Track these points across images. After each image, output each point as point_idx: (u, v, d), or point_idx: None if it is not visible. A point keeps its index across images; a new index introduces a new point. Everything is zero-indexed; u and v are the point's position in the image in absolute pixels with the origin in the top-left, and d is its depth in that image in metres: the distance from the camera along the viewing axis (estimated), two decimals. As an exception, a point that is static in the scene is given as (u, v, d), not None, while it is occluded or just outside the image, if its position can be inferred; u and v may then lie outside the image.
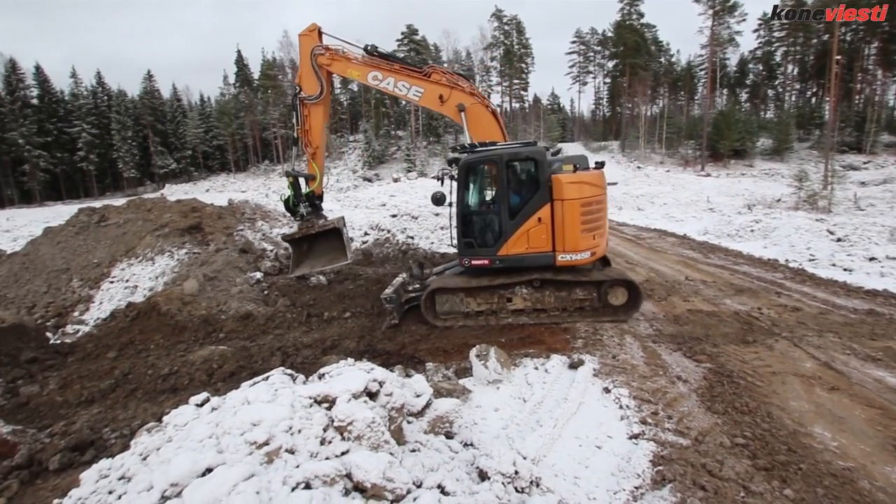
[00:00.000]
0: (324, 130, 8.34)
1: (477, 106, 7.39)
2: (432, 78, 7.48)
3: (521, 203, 6.79)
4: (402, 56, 64.97)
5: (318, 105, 8.05)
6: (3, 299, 9.51)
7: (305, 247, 8.56)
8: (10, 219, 28.78)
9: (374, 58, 7.77)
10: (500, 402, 4.65)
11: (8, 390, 5.90)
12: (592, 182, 6.74)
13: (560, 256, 6.64)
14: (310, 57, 7.81)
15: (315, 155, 8.29)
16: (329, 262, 8.39)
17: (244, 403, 2.57)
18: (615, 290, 6.79)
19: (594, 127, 75.58)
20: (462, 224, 7.06)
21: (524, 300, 6.97)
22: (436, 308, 7.15)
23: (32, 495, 4.07)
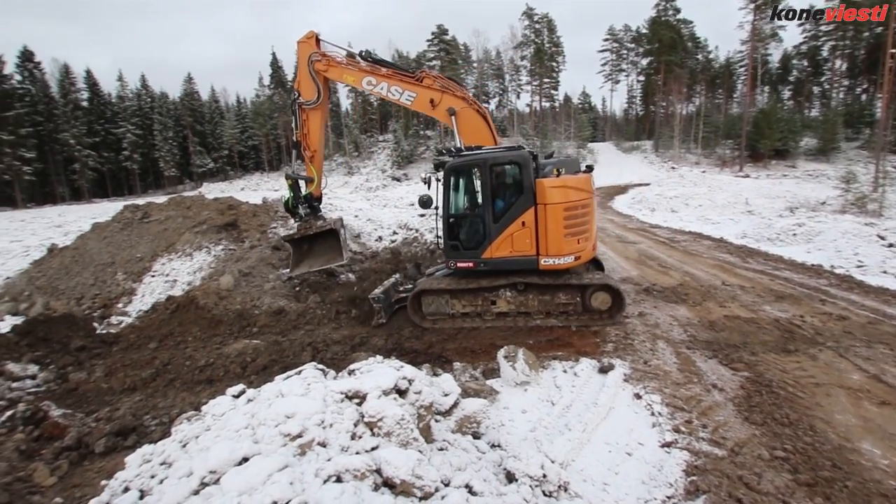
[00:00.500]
0: (322, 134, 8.57)
1: (467, 110, 7.42)
2: (424, 82, 7.55)
3: (505, 207, 6.83)
4: (432, 56, 65.48)
5: (316, 110, 8.25)
6: (55, 290, 10.09)
7: (305, 247, 8.81)
8: (62, 214, 30.54)
9: (369, 63, 7.89)
10: (528, 404, 4.62)
11: (59, 376, 6.26)
12: (577, 186, 6.74)
13: (543, 260, 6.66)
14: (307, 63, 7.98)
15: (313, 158, 8.47)
16: (326, 262, 8.59)
17: (278, 396, 2.64)
18: (599, 295, 6.80)
19: (626, 126, 73.90)
20: (447, 227, 7.15)
21: (508, 303, 7.01)
22: (422, 309, 7.25)
23: (80, 475, 4.30)
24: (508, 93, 75.39)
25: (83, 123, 58.21)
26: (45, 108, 55.78)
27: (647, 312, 7.28)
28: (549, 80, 68.50)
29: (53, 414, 4.96)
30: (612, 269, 10.25)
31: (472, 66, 71.88)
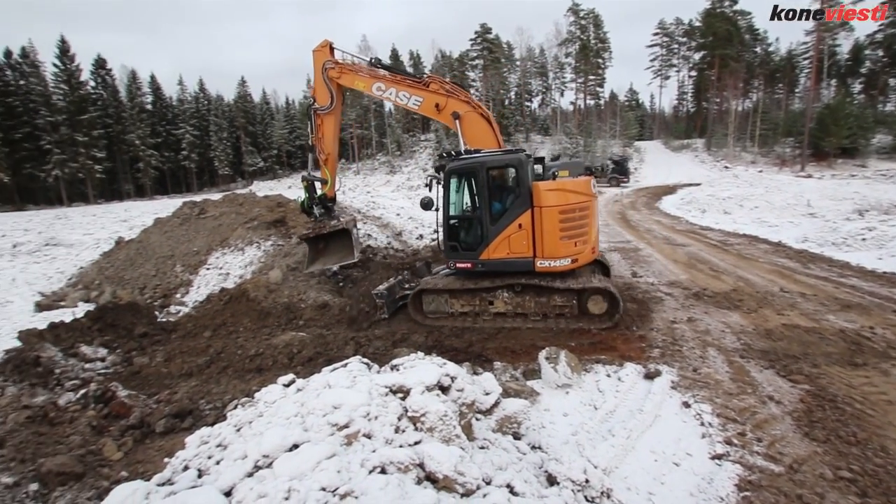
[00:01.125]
0: (336, 138, 8.84)
1: (471, 113, 7.51)
2: (430, 87, 7.70)
3: (502, 209, 6.92)
4: (475, 56, 65.29)
5: (330, 115, 8.55)
6: (122, 280, 10.87)
7: (321, 245, 9.15)
8: (127, 210, 32.84)
9: (378, 70, 8.17)
10: (570, 407, 4.54)
11: (124, 359, 6.74)
12: (574, 189, 6.74)
13: (539, 262, 6.72)
14: (322, 71, 8.31)
15: (327, 161, 8.78)
16: (339, 261, 8.92)
17: (325, 387, 2.74)
18: (595, 299, 6.78)
19: (676, 124, 70.92)
20: (447, 228, 7.28)
21: (505, 304, 7.07)
22: (422, 307, 7.43)
23: (143, 453, 4.61)
24: (552, 91, 74.20)
25: (147, 125, 62.32)
26: (115, 111, 60.12)
27: (696, 318, 6.97)
28: (594, 77, 66.82)
29: (120, 394, 5.34)
30: (659, 272, 9.89)
31: (515, 64, 71.22)
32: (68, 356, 6.36)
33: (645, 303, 7.82)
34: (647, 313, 7.30)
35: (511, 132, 61.07)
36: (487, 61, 64.17)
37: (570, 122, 62.09)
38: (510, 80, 71.68)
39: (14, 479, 3.85)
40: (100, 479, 4.10)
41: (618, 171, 37.01)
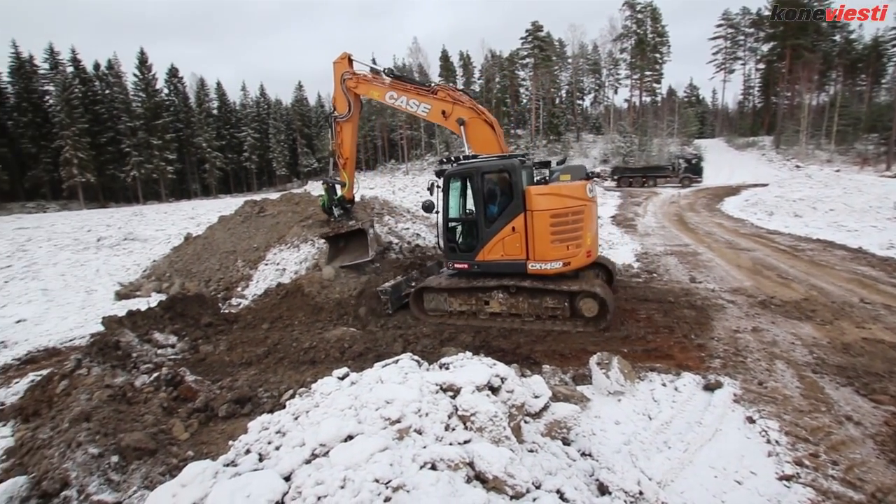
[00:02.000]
0: (353, 144, 9.35)
1: (475, 120, 7.77)
2: (438, 95, 8.02)
3: (497, 212, 7.12)
4: (526, 55, 64.47)
5: (348, 122, 9.08)
6: (189, 273, 11.67)
7: (341, 244, 9.71)
8: (194, 208, 35.24)
9: (391, 79, 8.52)
10: (622, 415, 4.39)
11: (192, 347, 7.24)
12: (566, 194, 6.81)
13: (531, 265, 6.90)
14: (340, 81, 8.83)
15: (346, 165, 9.32)
16: (355, 259, 9.37)
17: (378, 382, 2.81)
18: (587, 302, 6.83)
19: (741, 120, 66.58)
20: (446, 230, 7.59)
21: (500, 304, 7.26)
22: (423, 305, 7.75)
23: (207, 434, 4.93)
24: (605, 88, 71.98)
25: (213, 129, 66.59)
26: (185, 116, 64.68)
27: (762, 328, 6.52)
28: (650, 73, 64.13)
29: (188, 379, 5.74)
30: (720, 277, 9.34)
31: (567, 62, 69.67)
32: (143, 342, 6.91)
33: (704, 310, 7.42)
34: (707, 321, 6.92)
35: (561, 132, 59.83)
36: (538, 60, 63.18)
37: (623, 120, 59.92)
38: (561, 79, 70.22)
39: (99, 451, 4.23)
40: (169, 457, 4.43)
41: (691, 171, 35.17)
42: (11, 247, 19.94)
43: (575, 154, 57.47)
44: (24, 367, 7.35)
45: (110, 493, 3.94)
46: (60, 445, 4.43)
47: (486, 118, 7.79)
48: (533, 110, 62.53)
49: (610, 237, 14.25)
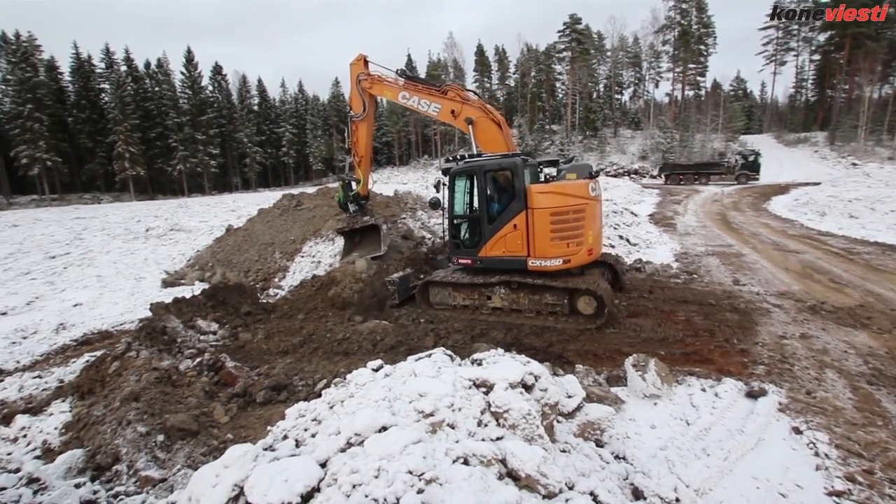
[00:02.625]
0: (368, 143, 9.69)
1: (483, 119, 7.89)
2: (448, 95, 8.20)
3: (499, 210, 7.23)
4: (563, 48, 63.22)
5: (363, 122, 9.41)
6: (230, 263, 12.12)
7: (356, 239, 10.10)
8: (235, 201, 36.56)
9: (403, 80, 8.77)
10: (658, 419, 4.26)
11: (232, 334, 7.52)
12: (567, 192, 6.85)
13: (531, 262, 6.96)
14: (356, 82, 9.15)
15: (360, 162, 9.68)
16: (369, 253, 9.67)
17: (412, 375, 2.84)
18: (584, 299, 6.90)
19: (792, 115, 62.99)
20: (451, 227, 7.81)
21: (502, 299, 7.40)
22: (429, 298, 7.97)
23: (245, 419, 5.12)
24: (645, 82, 69.74)
25: (253, 124, 68.71)
26: (227, 112, 67.01)
27: (812, 335, 6.17)
28: (694, 66, 61.59)
29: (228, 365, 5.98)
30: (766, 280, 8.91)
31: (606, 55, 67.86)
32: (188, 328, 7.23)
33: (748, 314, 7.09)
34: (751, 325, 6.61)
35: (598, 127, 58.36)
36: (575, 53, 61.81)
37: (664, 115, 57.88)
38: (599, 72, 68.50)
39: (146, 429, 4.48)
40: (210, 438, 4.63)
41: (748, 167, 33.12)
42: (70, 235, 21.32)
43: (612, 150, 55.96)
44: (80, 348, 7.86)
45: (156, 469, 4.16)
46: (112, 423, 4.72)
47: (494, 117, 7.91)
48: (569, 105, 61.32)
49: (648, 236, 13.84)
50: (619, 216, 14.89)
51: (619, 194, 24.66)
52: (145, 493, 3.81)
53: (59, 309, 9.98)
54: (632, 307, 7.64)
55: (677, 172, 36.27)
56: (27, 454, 4.64)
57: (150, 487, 3.89)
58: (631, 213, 16.52)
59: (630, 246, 12.49)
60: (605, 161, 51.15)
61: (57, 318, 9.27)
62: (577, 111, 59.95)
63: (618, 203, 17.61)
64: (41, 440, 4.87)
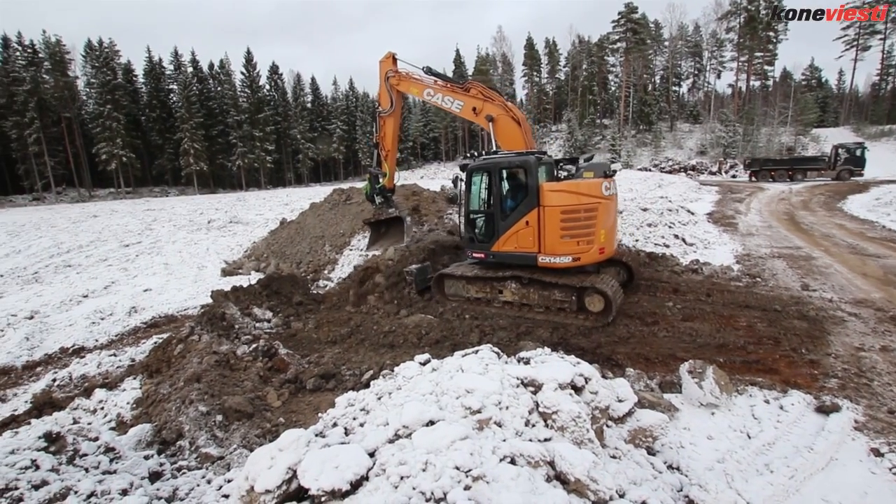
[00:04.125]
0: (395, 138, 9.99)
1: (503, 117, 7.94)
2: (470, 92, 8.31)
3: (512, 206, 7.35)
4: (617, 39, 60.91)
5: (391, 117, 9.68)
6: (283, 255, 12.64)
7: (383, 230, 10.53)
8: (289, 195, 38.11)
9: (429, 77, 8.94)
10: (716, 430, 4.02)
11: (284, 322, 7.86)
12: (579, 191, 6.87)
13: (541, 258, 7.06)
14: (385, 79, 9.39)
15: (387, 156, 9.95)
16: (393, 244, 10.05)
17: (458, 370, 2.83)
18: (592, 297, 6.93)
19: (875, 106, 57.45)
20: (466, 221, 8.00)
21: (513, 294, 7.52)
22: (444, 289, 8.19)
23: (296, 404, 5.33)
24: (706, 72, 65.93)
25: (307, 121, 71.20)
26: (283, 110, 69.83)
27: (894, 347, 5.61)
28: (761, 55, 57.48)
29: (281, 352, 6.25)
30: (840, 286, 8.20)
31: (663, 45, 64.72)
32: (244, 315, 7.63)
33: (819, 322, 6.55)
34: (822, 335, 6.10)
35: (653, 121, 55.84)
36: (630, 43, 59.30)
37: (726, 108, 54.47)
38: (655, 63, 65.47)
39: (207, 409, 4.76)
40: (264, 421, 4.86)
41: (852, 162, 29.85)
42: (141, 225, 23.05)
43: (668, 145, 53.37)
44: (149, 330, 8.48)
45: (215, 447, 4.42)
46: (176, 401, 5.06)
47: (514, 115, 7.96)
48: (622, 98, 59.03)
49: (706, 236, 13.09)
50: (675, 214, 14.18)
51: (674, 191, 23.50)
52: (205, 469, 4.05)
53: (132, 293, 10.81)
54: (687, 310, 7.27)
55: (768, 168, 32.72)
56: (104, 425, 5.07)
57: (209, 464, 4.13)
58: (687, 211, 15.68)
59: (686, 246, 11.87)
60: (660, 156, 48.88)
61: (129, 301, 10.04)
62: (631, 104, 57.63)
63: (673, 201, 16.77)
64: (115, 413, 5.30)
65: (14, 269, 14.40)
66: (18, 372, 7.04)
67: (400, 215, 10.08)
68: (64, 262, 15.15)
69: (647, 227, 12.52)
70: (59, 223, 26.24)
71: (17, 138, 51.62)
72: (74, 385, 6.39)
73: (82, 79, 59.85)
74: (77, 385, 6.38)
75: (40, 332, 8.57)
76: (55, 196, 53.63)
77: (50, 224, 25.97)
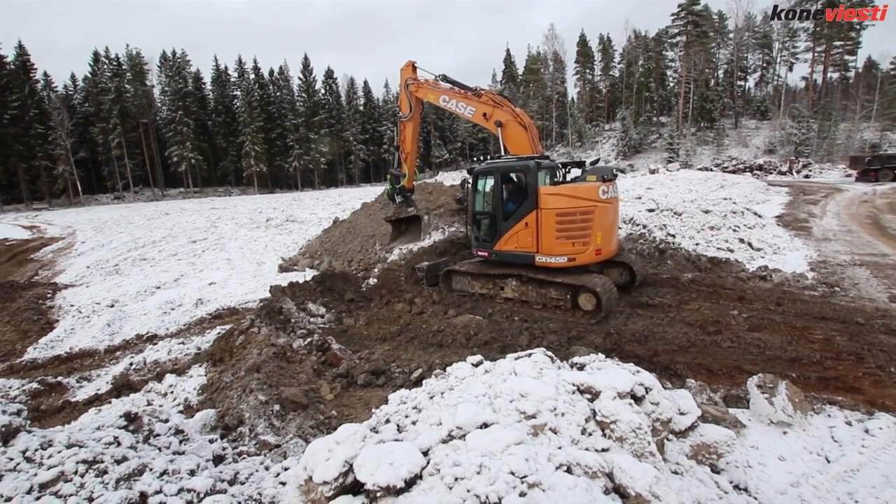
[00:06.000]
0: (414, 141, 10.54)
1: (512, 122, 8.39)
2: (482, 99, 8.75)
3: (513, 209, 7.77)
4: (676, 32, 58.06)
5: (409, 122, 10.23)
6: (336, 253, 13.05)
7: (403, 227, 11.12)
8: (341, 195, 39.39)
9: (445, 84, 9.48)
10: (789, 451, 3.72)
11: (337, 318, 8.10)
12: (574, 195, 7.22)
13: (538, 258, 7.48)
14: (405, 86, 9.93)
15: (406, 159, 10.49)
16: (411, 241, 10.78)
17: (511, 373, 2.78)
18: (585, 295, 7.23)
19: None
20: (473, 222, 8.52)
21: (513, 290, 7.95)
22: (451, 284, 8.73)
23: (347, 398, 5.47)
24: (776, 65, 61.41)
25: (359, 124, 73.27)
26: (336, 112, 72.24)
27: None
28: (842, 43, 52.75)
29: (334, 347, 6.44)
30: (938, 299, 7.34)
31: (727, 37, 60.92)
32: (300, 310, 7.93)
33: (912, 338, 5.90)
34: (916, 353, 5.49)
35: (715, 117, 52.70)
36: (691, 37, 56.31)
37: (799, 103, 50.45)
38: (719, 57, 61.79)
39: (265, 398, 4.99)
40: (318, 413, 5.03)
41: None
42: (207, 223, 24.64)
43: (731, 143, 50.18)
44: (214, 321, 9.02)
45: (273, 435, 4.62)
46: (238, 389, 5.34)
47: (521, 121, 8.33)
48: (681, 94, 56.18)
49: (775, 240, 12.17)
50: (740, 217, 13.27)
51: (739, 192, 22.02)
52: (263, 456, 4.24)
53: (198, 286, 11.56)
54: (754, 320, 6.79)
55: (892, 166, 27.62)
56: (173, 408, 5.44)
57: (266, 451, 4.32)
58: (754, 213, 14.64)
59: (752, 251, 11.10)
60: (723, 155, 45.98)
61: (196, 294, 10.74)
62: (691, 101, 54.72)
63: (738, 202, 15.70)
64: (183, 398, 5.68)
65: (98, 261, 15.84)
66: (101, 355, 7.71)
67: (418, 214, 10.65)
68: (140, 255, 16.48)
69: (709, 230, 11.81)
70: (135, 220, 28.58)
71: (103, 143, 56.79)
72: (148, 369, 6.91)
73: (157, 87, 64.93)
74: (150, 370, 6.89)
75: (119, 319, 9.35)
76: (133, 195, 58.56)
77: (128, 221, 28.35)
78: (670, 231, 11.65)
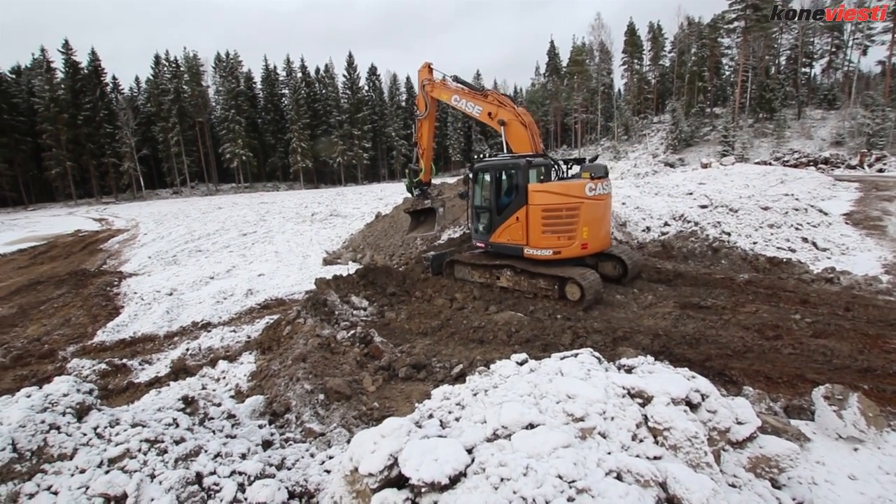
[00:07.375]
0: (430, 138, 11.05)
1: (514, 122, 8.73)
2: (488, 98, 9.17)
3: (506, 204, 8.37)
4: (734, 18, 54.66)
5: (425, 120, 10.73)
6: (378, 247, 13.27)
7: (422, 219, 11.66)
8: (383, 190, 40.07)
9: (457, 84, 9.91)
10: (860, 469, 3.43)
11: (379, 312, 8.23)
12: (560, 192, 7.72)
13: (527, 250, 8.04)
14: (421, 86, 10.51)
15: (423, 154, 11.00)
16: (427, 231, 11.48)
17: (558, 374, 2.71)
18: (571, 286, 7.72)
19: None
20: (472, 215, 9.18)
21: (507, 280, 8.55)
22: (454, 273, 9.41)
23: (388, 391, 5.55)
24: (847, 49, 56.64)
25: (401, 120, 74.04)
26: (379, 109, 73.32)
27: None
28: (927, 24, 47.68)
29: (376, 339, 6.55)
30: None
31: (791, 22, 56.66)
32: (343, 302, 8.12)
33: None
34: None
35: (776, 107, 49.29)
36: (750, 22, 52.77)
37: (873, 90, 46.32)
38: (781, 43, 57.69)
39: (311, 387, 5.15)
40: (360, 404, 5.13)
41: None
42: (256, 217, 25.71)
43: (794, 135, 46.81)
44: (262, 311, 9.40)
45: (318, 424, 4.76)
46: (285, 377, 5.53)
47: (523, 120, 8.68)
48: (738, 83, 52.90)
49: (843, 240, 11.26)
50: (803, 214, 12.37)
51: (801, 188, 20.56)
52: (308, 443, 4.38)
53: (248, 277, 12.08)
54: (819, 325, 6.32)
55: None
56: (225, 393, 5.71)
57: (312, 438, 4.46)
58: (819, 210, 13.60)
59: (817, 251, 10.33)
60: (783, 148, 42.97)
61: (246, 284, 11.23)
62: (749, 90, 51.47)
63: (800, 198, 14.63)
64: (234, 383, 5.95)
65: (159, 252, 16.90)
66: (160, 340, 8.21)
67: (433, 206, 11.13)
68: (195, 247, 17.43)
69: (769, 227, 11.09)
70: (191, 213, 30.25)
71: (163, 141, 60.47)
72: (202, 355, 7.29)
73: (212, 87, 68.30)
74: (204, 355, 7.27)
75: (177, 307, 9.93)
76: (189, 190, 62.07)
77: (185, 214, 30.05)
78: (725, 229, 11.03)
